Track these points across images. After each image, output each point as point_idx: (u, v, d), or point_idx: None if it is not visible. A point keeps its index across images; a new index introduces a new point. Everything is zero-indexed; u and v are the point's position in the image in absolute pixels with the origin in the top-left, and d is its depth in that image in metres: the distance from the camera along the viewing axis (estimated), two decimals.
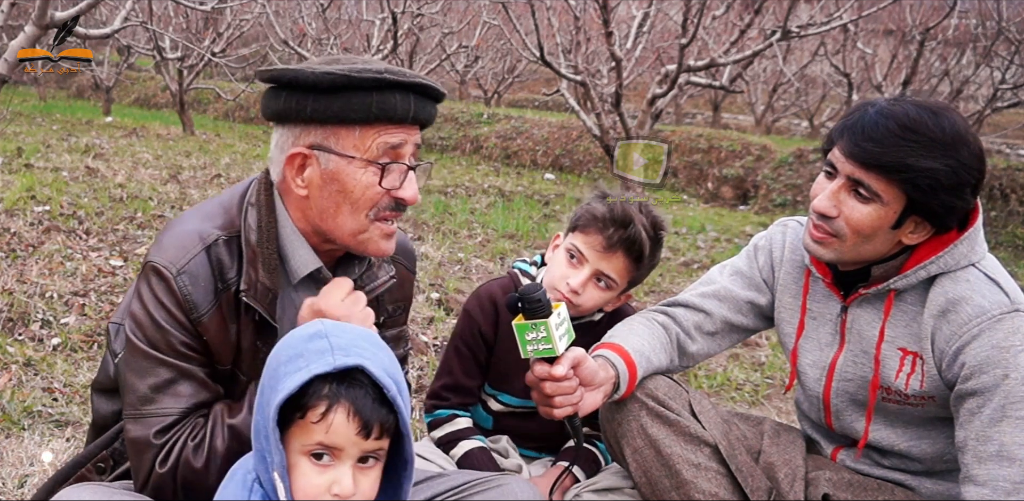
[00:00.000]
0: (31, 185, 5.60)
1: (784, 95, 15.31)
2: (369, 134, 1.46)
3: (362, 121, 1.45)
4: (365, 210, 1.48)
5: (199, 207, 1.58)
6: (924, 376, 1.68)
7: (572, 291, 1.94)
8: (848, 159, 1.60)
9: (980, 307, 1.60)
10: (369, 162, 1.46)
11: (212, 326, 1.46)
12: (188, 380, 1.45)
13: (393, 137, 1.47)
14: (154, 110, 16.36)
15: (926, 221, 1.62)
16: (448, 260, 5.04)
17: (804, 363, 1.87)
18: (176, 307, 1.44)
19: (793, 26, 6.39)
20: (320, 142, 1.47)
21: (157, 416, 1.44)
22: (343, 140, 1.46)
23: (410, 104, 1.46)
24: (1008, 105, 9.49)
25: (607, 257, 1.92)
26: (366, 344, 1.28)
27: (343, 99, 1.43)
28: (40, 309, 3.50)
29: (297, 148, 1.48)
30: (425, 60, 12.77)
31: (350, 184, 1.47)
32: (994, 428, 1.56)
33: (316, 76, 1.42)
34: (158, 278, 1.45)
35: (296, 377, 1.21)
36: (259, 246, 1.49)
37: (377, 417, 1.22)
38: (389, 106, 1.44)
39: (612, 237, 1.91)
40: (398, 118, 1.46)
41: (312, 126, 1.47)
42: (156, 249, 1.49)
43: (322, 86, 1.43)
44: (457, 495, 1.61)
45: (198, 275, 1.45)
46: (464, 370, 2.09)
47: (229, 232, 1.50)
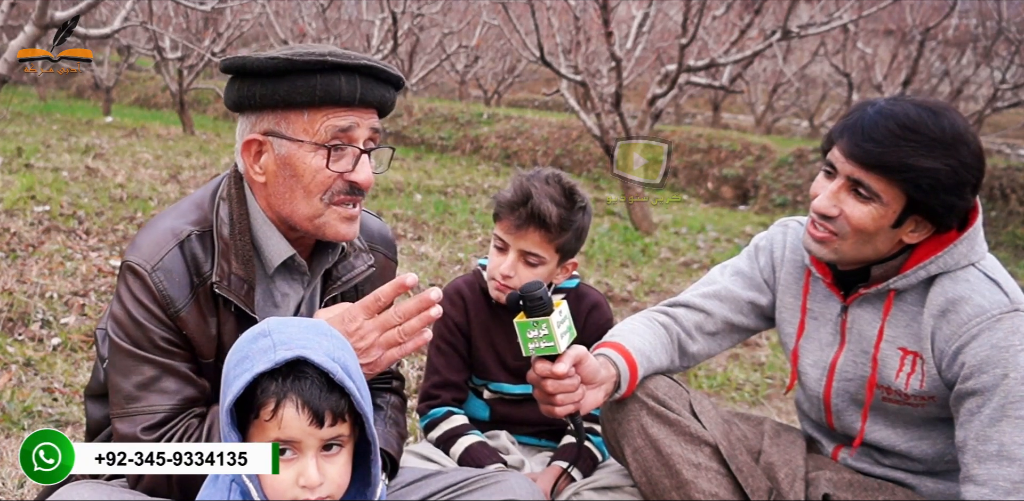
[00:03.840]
0: (31, 185, 5.60)
1: (784, 95, 15.30)
2: (317, 117, 1.47)
3: (308, 104, 1.46)
4: (318, 194, 1.50)
5: (173, 206, 1.60)
6: (924, 376, 1.68)
7: (504, 277, 2.02)
8: (848, 159, 1.60)
9: (980, 307, 1.60)
10: (318, 145, 1.47)
11: (191, 320, 1.48)
12: (172, 376, 1.47)
13: (342, 120, 1.48)
14: (154, 110, 16.35)
15: (926, 220, 1.62)
16: (448, 260, 5.03)
17: (805, 363, 1.87)
18: (153, 303, 1.46)
19: (793, 26, 6.39)
20: (272, 128, 1.49)
21: (144, 413, 1.45)
22: (293, 124, 1.48)
23: (356, 86, 1.47)
24: (1008, 105, 9.49)
25: (522, 236, 1.99)
26: (309, 334, 1.28)
27: (288, 83, 1.45)
28: (40, 309, 3.50)
29: (252, 135, 1.50)
30: (425, 60, 12.78)
31: (300, 168, 1.48)
32: (994, 428, 1.56)
33: (260, 62, 1.45)
34: (134, 276, 1.47)
35: (242, 379, 1.22)
36: (231, 238, 1.51)
37: (327, 404, 1.24)
38: (334, 88, 1.45)
39: (520, 216, 1.98)
40: (344, 100, 1.47)
41: (264, 112, 1.49)
42: (131, 249, 1.51)
43: (267, 71, 1.45)
44: (456, 492, 1.62)
45: (172, 270, 1.47)
46: (449, 366, 2.14)
47: (202, 227, 1.52)
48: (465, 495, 1.60)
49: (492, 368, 2.13)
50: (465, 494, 1.60)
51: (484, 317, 2.14)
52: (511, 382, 2.13)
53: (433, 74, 14.60)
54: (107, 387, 1.55)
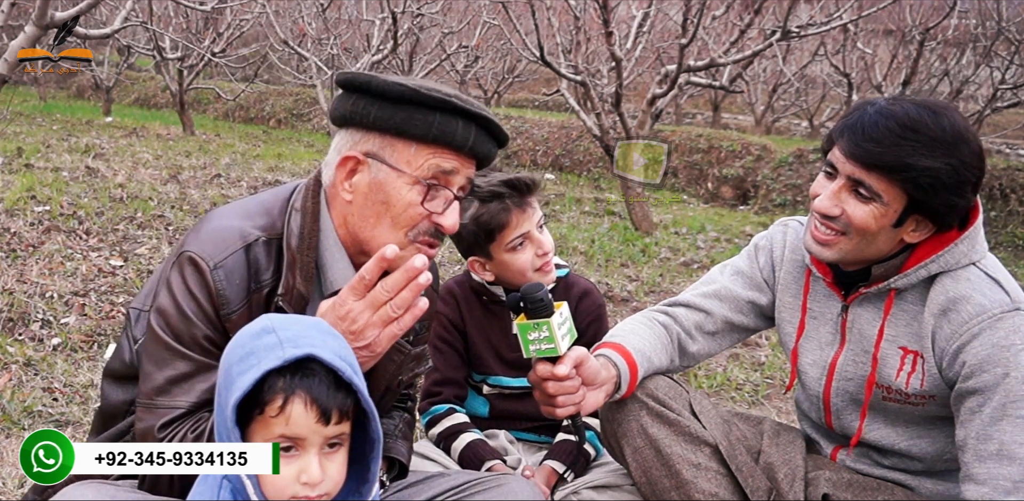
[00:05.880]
0: (31, 185, 5.60)
1: (784, 95, 15.30)
2: (424, 153, 1.47)
3: (420, 138, 1.46)
4: (405, 228, 1.49)
5: (240, 204, 1.58)
6: (925, 375, 1.68)
7: (546, 253, 2.07)
8: (848, 159, 1.60)
9: (981, 306, 1.60)
10: (417, 180, 1.47)
11: (239, 324, 1.44)
12: (205, 376, 1.45)
13: (447, 162, 1.48)
14: (154, 110, 16.35)
15: (927, 220, 1.62)
16: (448, 260, 5.04)
17: (804, 362, 1.87)
18: (207, 300, 1.44)
19: (793, 26, 6.38)
20: (376, 151, 1.48)
21: (166, 408, 1.44)
22: (398, 153, 1.48)
23: (471, 134, 1.48)
24: (1008, 105, 9.49)
25: (530, 210, 2.06)
26: (314, 333, 1.29)
27: (407, 112, 1.46)
28: (40, 309, 3.50)
29: (353, 152, 1.49)
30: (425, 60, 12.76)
31: (394, 197, 1.48)
32: (994, 427, 1.56)
33: (387, 84, 1.45)
34: (193, 269, 1.45)
35: (249, 375, 1.22)
36: (299, 253, 1.50)
37: (335, 402, 1.24)
38: (449, 129, 1.46)
39: (517, 201, 2.04)
40: (456, 144, 1.47)
41: (372, 134, 1.49)
42: (194, 240, 1.48)
43: (390, 95, 1.45)
44: (457, 495, 1.62)
45: (234, 272, 1.45)
46: (448, 363, 2.17)
47: (270, 234, 1.51)
48: (467, 498, 1.60)
49: (490, 362, 2.16)
50: (467, 497, 1.60)
51: (478, 313, 2.18)
52: (509, 375, 2.16)
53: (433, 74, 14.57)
54: (131, 368, 1.54)
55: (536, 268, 2.06)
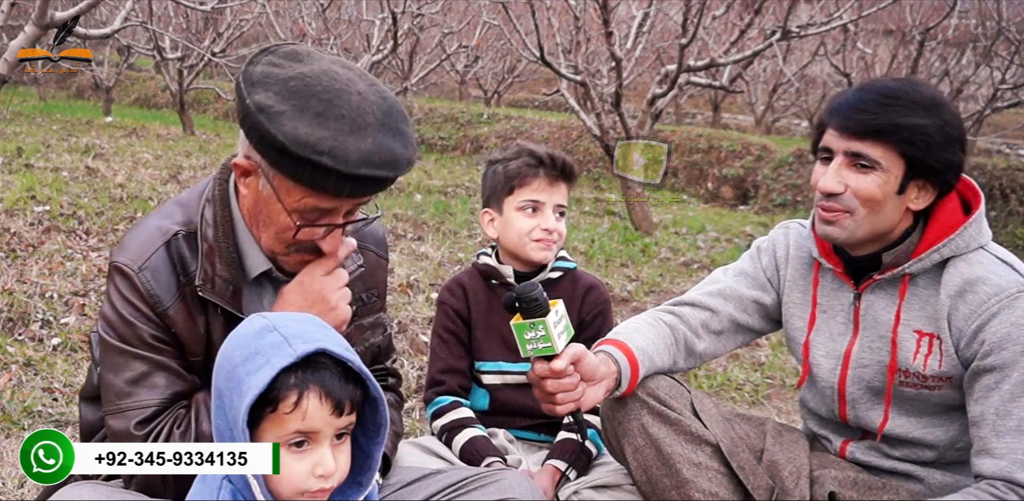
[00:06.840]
0: (31, 185, 5.59)
1: (784, 95, 15.29)
2: (299, 192, 1.40)
3: (294, 181, 1.38)
4: (285, 243, 1.49)
5: (161, 207, 1.61)
6: (943, 355, 1.72)
7: (550, 232, 2.10)
8: (843, 134, 1.68)
9: (998, 286, 1.65)
10: (290, 213, 1.43)
11: (179, 319, 1.49)
12: (162, 371, 1.48)
13: (324, 203, 1.42)
14: (154, 110, 16.34)
15: (928, 183, 1.69)
16: (448, 260, 5.03)
17: (817, 355, 1.89)
18: (141, 302, 1.47)
19: (793, 26, 6.38)
20: (264, 168, 1.42)
21: (135, 409, 1.46)
22: (279, 181, 1.41)
23: (347, 187, 1.37)
24: (1008, 105, 9.47)
25: (556, 190, 2.12)
26: (315, 328, 1.31)
27: (279, 154, 1.35)
28: (40, 309, 3.50)
29: (243, 161, 1.45)
30: (425, 60, 12.76)
31: (274, 217, 1.46)
32: (1014, 403, 1.61)
33: (259, 123, 1.33)
34: (121, 276, 1.49)
35: (261, 374, 1.23)
36: (215, 240, 1.51)
37: (347, 393, 1.27)
38: (319, 183, 1.37)
39: (551, 172, 2.11)
40: (329, 194, 1.39)
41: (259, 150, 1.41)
42: (119, 250, 1.52)
43: (260, 133, 1.35)
44: (456, 491, 1.62)
45: (159, 270, 1.48)
46: (451, 353, 2.20)
47: (188, 228, 1.53)
48: (464, 495, 1.61)
49: (493, 346, 2.18)
50: (464, 494, 1.61)
51: (483, 298, 2.21)
52: (509, 360, 2.17)
53: (433, 74, 14.58)
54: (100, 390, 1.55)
55: (535, 239, 2.10)
